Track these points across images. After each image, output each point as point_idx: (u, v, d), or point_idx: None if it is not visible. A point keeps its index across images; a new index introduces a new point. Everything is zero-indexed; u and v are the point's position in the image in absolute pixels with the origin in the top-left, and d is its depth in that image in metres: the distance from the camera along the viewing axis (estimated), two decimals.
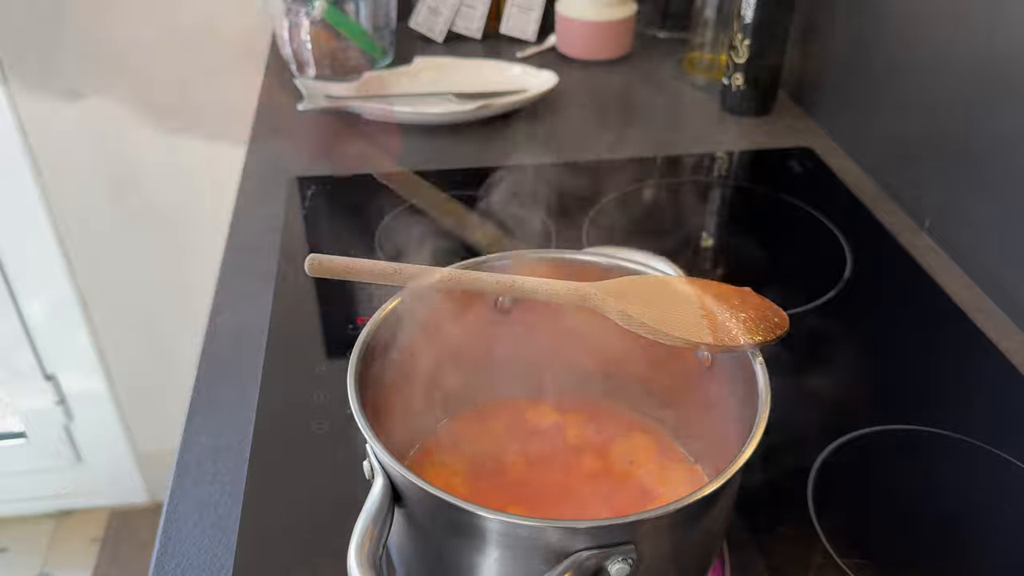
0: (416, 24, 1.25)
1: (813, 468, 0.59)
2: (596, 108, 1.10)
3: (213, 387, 0.67)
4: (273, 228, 0.84)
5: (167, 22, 1.30)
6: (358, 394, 0.43)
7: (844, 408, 0.64)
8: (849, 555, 0.53)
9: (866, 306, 0.76)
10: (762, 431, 0.41)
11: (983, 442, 0.61)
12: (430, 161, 0.96)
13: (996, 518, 0.56)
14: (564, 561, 0.38)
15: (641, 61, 1.21)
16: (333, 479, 0.57)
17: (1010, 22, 0.71)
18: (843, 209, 0.88)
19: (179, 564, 0.54)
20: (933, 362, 0.70)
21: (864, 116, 0.96)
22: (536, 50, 1.23)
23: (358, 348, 0.46)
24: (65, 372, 1.59)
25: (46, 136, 1.36)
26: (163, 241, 1.49)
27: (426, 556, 0.44)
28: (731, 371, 0.48)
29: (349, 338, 0.47)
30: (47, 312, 1.51)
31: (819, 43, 1.04)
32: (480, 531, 0.39)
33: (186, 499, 0.58)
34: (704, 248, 0.86)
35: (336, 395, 0.64)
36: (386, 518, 0.40)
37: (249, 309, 0.74)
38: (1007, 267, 0.74)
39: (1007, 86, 0.72)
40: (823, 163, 0.96)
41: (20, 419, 1.63)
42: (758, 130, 1.04)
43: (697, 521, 0.42)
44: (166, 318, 1.55)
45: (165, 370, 1.56)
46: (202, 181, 1.42)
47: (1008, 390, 0.66)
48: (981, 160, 0.76)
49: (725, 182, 0.96)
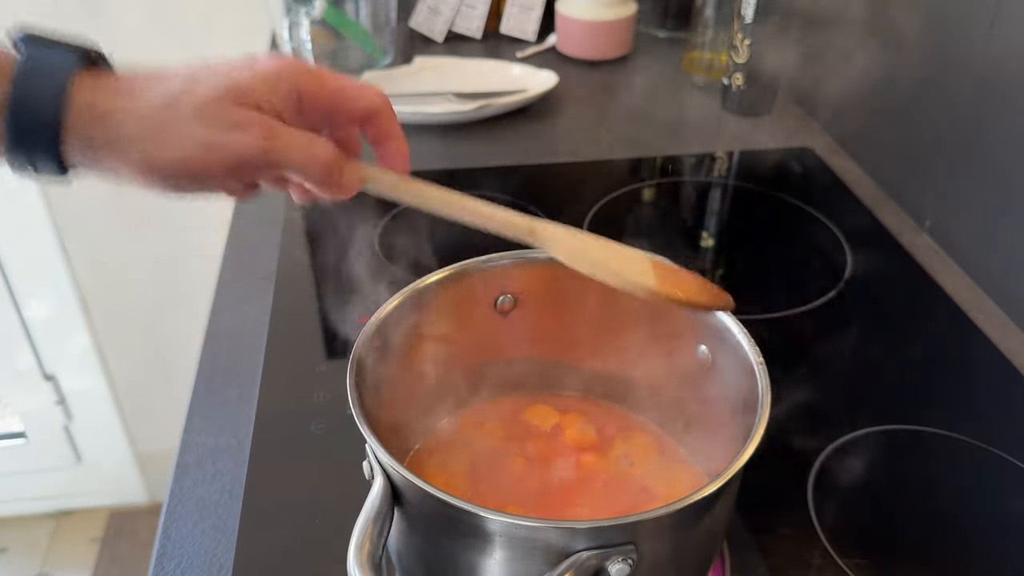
0: (416, 24, 1.25)
1: (813, 468, 0.59)
2: (596, 108, 1.10)
3: (213, 387, 0.67)
4: (273, 228, 0.84)
5: (167, 22, 1.30)
6: (358, 394, 0.43)
7: (844, 408, 0.64)
8: (849, 555, 0.53)
9: (866, 306, 0.76)
10: (762, 431, 0.41)
11: (983, 442, 0.61)
12: (430, 161, 0.96)
13: (996, 518, 0.56)
14: (564, 561, 0.38)
15: (641, 61, 1.21)
16: (333, 479, 0.57)
17: (1010, 22, 0.71)
18: (843, 209, 0.88)
19: (179, 564, 0.54)
20: (933, 362, 0.70)
21: (864, 116, 0.96)
22: (536, 50, 1.23)
23: (358, 348, 0.46)
24: (65, 372, 1.59)
25: None
26: (163, 241, 1.48)
27: (426, 556, 0.44)
28: (731, 371, 0.48)
29: (349, 338, 0.47)
30: (47, 312, 1.51)
31: (819, 43, 1.04)
32: (480, 531, 0.39)
33: (186, 499, 0.58)
34: (704, 248, 0.85)
35: (336, 395, 0.64)
36: (386, 518, 0.40)
37: (249, 309, 0.74)
38: (1007, 267, 0.74)
39: (1007, 86, 0.72)
40: (823, 163, 0.96)
41: (20, 419, 1.63)
42: (758, 130, 1.04)
43: (697, 521, 0.42)
44: (166, 318, 1.55)
45: (165, 370, 1.56)
46: None
47: (1008, 390, 0.66)
48: (981, 160, 0.76)
49: (725, 182, 0.96)
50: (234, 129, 0.41)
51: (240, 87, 0.41)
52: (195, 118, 0.41)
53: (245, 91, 0.41)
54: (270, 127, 0.41)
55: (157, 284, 1.52)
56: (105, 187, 0.48)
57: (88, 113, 0.41)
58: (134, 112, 0.41)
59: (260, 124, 0.41)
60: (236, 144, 0.41)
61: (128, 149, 0.41)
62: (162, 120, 0.41)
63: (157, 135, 0.41)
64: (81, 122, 0.41)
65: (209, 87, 0.41)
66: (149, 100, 0.41)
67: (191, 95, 0.41)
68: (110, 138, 0.41)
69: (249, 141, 0.41)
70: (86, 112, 0.41)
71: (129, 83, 0.42)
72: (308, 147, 0.43)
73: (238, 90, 0.41)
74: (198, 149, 0.41)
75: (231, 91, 0.41)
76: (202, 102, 0.41)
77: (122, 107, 0.41)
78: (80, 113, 0.40)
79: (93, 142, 0.41)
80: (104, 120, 0.41)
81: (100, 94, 0.41)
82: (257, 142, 0.41)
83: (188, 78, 0.42)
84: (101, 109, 0.41)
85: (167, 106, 0.41)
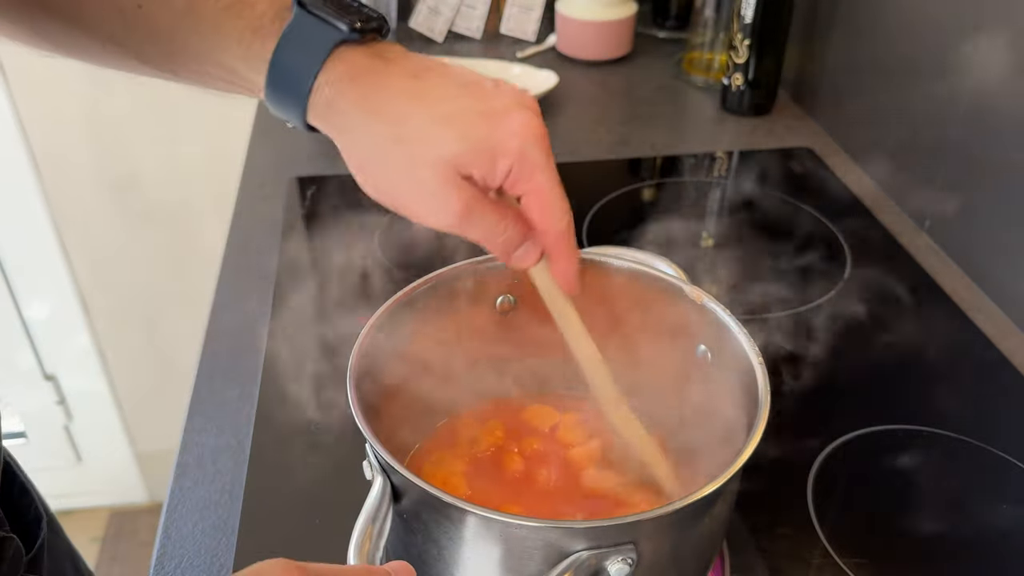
0: (416, 24, 1.25)
1: (813, 468, 0.59)
2: (596, 108, 1.10)
3: (213, 387, 0.67)
4: (273, 228, 0.84)
5: None
6: (358, 394, 0.43)
7: (844, 408, 0.64)
8: (849, 555, 0.53)
9: (866, 306, 0.76)
10: (762, 431, 0.41)
11: (983, 442, 0.61)
12: None
13: (996, 518, 0.56)
14: (564, 561, 0.38)
15: (641, 61, 1.21)
16: (333, 479, 0.57)
17: (1010, 22, 0.71)
18: (843, 209, 0.88)
19: (179, 564, 0.54)
20: (933, 362, 0.70)
21: (864, 116, 0.96)
22: (536, 50, 1.23)
23: (358, 348, 0.46)
24: (65, 372, 1.59)
25: (46, 136, 1.36)
26: (163, 241, 1.49)
27: (425, 555, 0.44)
28: (731, 371, 0.48)
29: (349, 338, 0.47)
30: (47, 312, 1.51)
31: (819, 43, 1.04)
32: (480, 531, 0.39)
33: (186, 499, 0.58)
34: (704, 248, 0.85)
35: (336, 395, 0.64)
36: (385, 518, 0.40)
37: (249, 309, 0.74)
38: (1007, 267, 0.74)
39: (1007, 86, 0.72)
40: (823, 163, 0.96)
41: (20, 419, 1.63)
42: (758, 130, 1.04)
43: (697, 521, 0.42)
44: (166, 318, 1.55)
45: (165, 370, 1.56)
46: (202, 181, 1.42)
47: (1008, 390, 0.66)
48: (981, 160, 0.76)
49: (725, 182, 0.96)
50: (439, 193, 0.42)
51: (466, 156, 0.42)
52: (416, 166, 0.42)
53: (468, 163, 0.42)
54: (469, 206, 0.43)
55: (157, 284, 1.53)
56: (105, 187, 0.49)
57: (324, 109, 0.43)
58: (364, 131, 0.43)
59: (464, 199, 0.42)
60: (436, 207, 0.43)
61: (349, 155, 0.45)
62: (387, 152, 0.43)
63: (380, 164, 0.44)
64: (319, 109, 0.44)
65: (442, 143, 0.42)
66: (385, 121, 0.43)
67: (424, 145, 0.42)
68: (337, 134, 0.44)
69: (448, 209, 0.42)
70: (322, 106, 0.43)
71: (378, 82, 0.43)
72: (492, 229, 0.44)
73: (463, 159, 0.42)
74: (404, 196, 0.44)
75: (457, 158, 0.42)
76: (431, 160, 0.42)
77: (354, 123, 0.43)
78: (317, 103, 0.43)
79: (327, 128, 0.45)
80: (336, 117, 0.44)
81: (340, 89, 0.43)
82: (452, 214, 0.43)
83: (429, 114, 0.42)
84: (338, 107, 0.43)
85: (398, 140, 0.42)
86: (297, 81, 0.43)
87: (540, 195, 0.44)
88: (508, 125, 0.42)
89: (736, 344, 0.47)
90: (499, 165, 0.42)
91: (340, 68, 0.43)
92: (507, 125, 0.42)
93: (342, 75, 0.43)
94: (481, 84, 0.44)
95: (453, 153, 0.42)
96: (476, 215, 0.43)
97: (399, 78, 0.43)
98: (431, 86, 0.43)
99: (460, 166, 0.42)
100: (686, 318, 0.51)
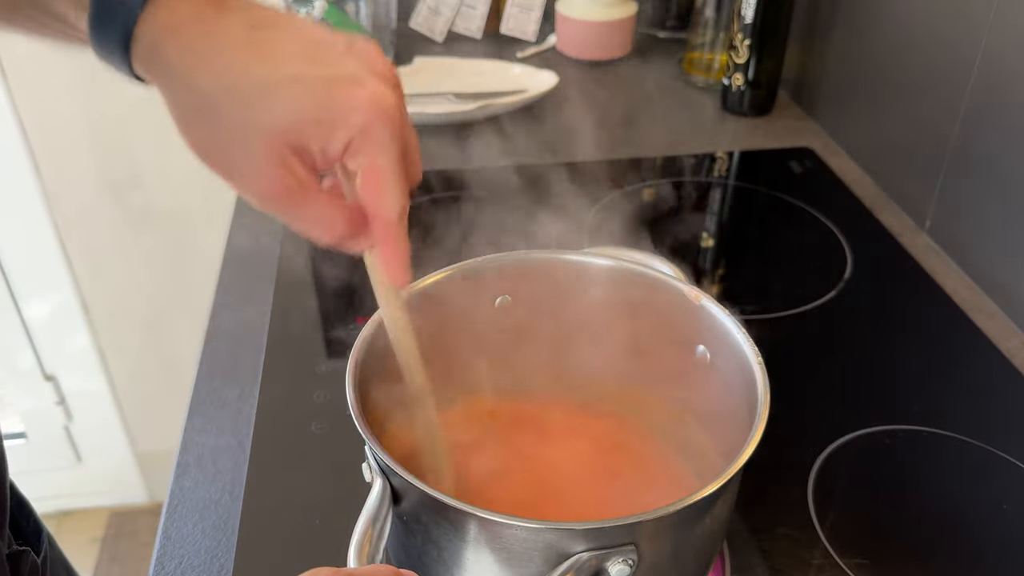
0: (416, 24, 1.25)
1: (813, 468, 0.59)
2: (596, 108, 1.10)
3: (213, 387, 0.67)
4: (273, 229, 0.84)
5: None
6: (358, 394, 0.43)
7: (844, 408, 0.64)
8: (849, 555, 0.53)
9: (866, 306, 0.76)
10: (762, 431, 0.41)
11: (983, 442, 0.61)
12: (430, 161, 0.95)
13: (996, 518, 0.56)
14: (564, 562, 0.38)
15: (641, 61, 1.21)
16: (333, 479, 0.57)
17: (1010, 22, 0.71)
18: (843, 209, 0.88)
19: (179, 564, 0.54)
20: (933, 362, 0.70)
21: (864, 116, 0.96)
22: (536, 50, 1.23)
23: (358, 348, 0.46)
24: (65, 372, 1.59)
25: (46, 136, 1.36)
26: (163, 241, 1.48)
27: (425, 557, 0.44)
28: (731, 371, 0.48)
29: (349, 338, 0.47)
30: (47, 312, 1.51)
31: (819, 43, 1.04)
32: (480, 533, 0.39)
33: (186, 499, 0.58)
34: (704, 248, 0.85)
35: (336, 395, 0.64)
36: (386, 519, 0.40)
37: (249, 309, 0.74)
38: (1007, 267, 0.74)
39: (1007, 86, 0.72)
40: (823, 163, 0.96)
41: (20, 419, 1.63)
42: (758, 130, 1.04)
43: (697, 521, 0.42)
44: (166, 318, 1.55)
45: (165, 370, 1.56)
46: (202, 181, 1.41)
47: (1008, 390, 0.66)
48: (981, 160, 0.76)
49: (725, 182, 0.96)
50: (264, 170, 0.39)
51: (298, 129, 0.38)
52: (243, 130, 0.38)
53: (301, 136, 0.39)
54: (291, 191, 0.40)
55: (157, 284, 1.52)
56: (105, 187, 0.49)
57: (147, 58, 0.39)
58: (189, 83, 0.39)
59: (287, 184, 0.39)
60: (256, 183, 0.40)
61: (172, 109, 0.40)
62: (213, 109, 0.38)
63: (206, 122, 0.39)
64: (142, 57, 0.39)
65: (274, 111, 0.38)
66: (212, 74, 0.38)
67: (253, 109, 0.38)
68: (161, 85, 0.40)
69: (268, 188, 0.40)
70: (145, 54, 0.39)
71: (208, 30, 0.38)
72: (317, 219, 0.41)
73: (295, 132, 0.38)
74: (229, 161, 0.40)
75: (289, 131, 0.38)
76: (259, 128, 0.38)
77: (178, 73, 0.39)
78: (140, 51, 0.39)
79: (151, 77, 0.40)
80: (159, 66, 0.39)
81: (163, 35, 0.38)
82: (272, 196, 0.40)
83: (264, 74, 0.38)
84: (162, 55, 0.39)
85: (227, 97, 0.38)
86: (116, 26, 0.38)
87: (376, 177, 0.40)
88: (353, 96, 0.38)
89: (735, 344, 0.47)
90: (336, 138, 0.39)
91: (162, 12, 0.38)
92: (352, 96, 0.38)
93: (164, 19, 0.38)
94: (330, 44, 0.40)
95: (284, 125, 0.38)
96: (297, 202, 0.40)
97: (235, 26, 0.38)
98: (271, 40, 0.39)
99: (292, 140, 0.38)
100: (685, 318, 0.51)
